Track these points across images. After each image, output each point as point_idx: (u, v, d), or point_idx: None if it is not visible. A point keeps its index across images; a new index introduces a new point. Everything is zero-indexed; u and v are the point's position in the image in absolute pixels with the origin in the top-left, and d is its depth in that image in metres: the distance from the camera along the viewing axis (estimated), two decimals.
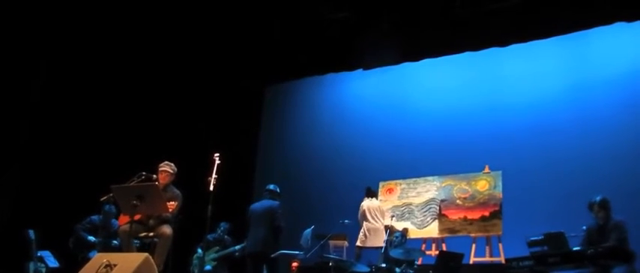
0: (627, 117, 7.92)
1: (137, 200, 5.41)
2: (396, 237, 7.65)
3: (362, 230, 7.86)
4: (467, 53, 8.96)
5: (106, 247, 7.04)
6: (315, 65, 10.09)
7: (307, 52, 9.83)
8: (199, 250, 8.07)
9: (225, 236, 8.66)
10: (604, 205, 5.60)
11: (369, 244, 7.78)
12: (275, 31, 9.67)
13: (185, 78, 10.22)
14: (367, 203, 7.98)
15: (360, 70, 9.88)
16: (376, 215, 7.92)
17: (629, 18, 7.74)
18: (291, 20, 9.42)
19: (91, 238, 7.40)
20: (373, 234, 7.77)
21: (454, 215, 8.21)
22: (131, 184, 5.75)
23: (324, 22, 9.29)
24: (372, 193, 8.16)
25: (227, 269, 8.58)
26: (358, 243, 7.87)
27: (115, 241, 7.16)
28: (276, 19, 9.42)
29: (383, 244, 7.38)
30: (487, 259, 7.66)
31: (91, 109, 9.46)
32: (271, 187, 7.17)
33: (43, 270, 7.64)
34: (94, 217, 7.54)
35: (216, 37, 9.77)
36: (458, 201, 8.28)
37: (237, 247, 8.40)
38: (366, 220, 7.86)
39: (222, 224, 8.62)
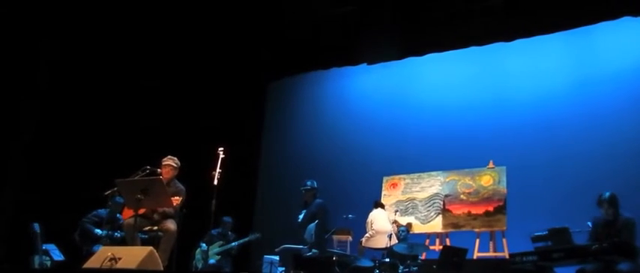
0: (633, 112, 7.89)
1: (141, 194, 5.43)
2: (402, 231, 7.66)
3: (367, 234, 7.92)
4: (471, 48, 8.90)
5: (112, 240, 7.08)
6: (319, 60, 10.06)
7: (311, 46, 9.81)
8: (203, 245, 8.09)
9: (229, 232, 8.66)
10: (611, 201, 5.57)
11: (370, 244, 7.81)
12: (279, 26, 9.64)
13: (189, 72, 10.22)
14: (373, 213, 8.03)
15: (363, 65, 9.84)
16: (379, 221, 7.97)
17: (635, 12, 7.65)
18: (295, 15, 9.39)
19: (98, 231, 7.43)
20: (377, 236, 7.81)
21: (458, 210, 8.21)
22: (135, 178, 5.77)
23: (328, 17, 9.26)
24: (379, 204, 8.23)
25: (230, 262, 8.60)
26: (363, 240, 7.90)
27: (117, 233, 7.18)
28: (281, 13, 9.39)
29: (384, 246, 7.38)
30: (491, 254, 7.67)
31: (97, 103, 9.48)
32: None
33: (48, 263, 7.65)
34: (101, 211, 7.58)
35: (220, 31, 9.75)
36: (462, 196, 8.28)
37: (234, 245, 8.40)
38: (371, 226, 7.92)
39: (225, 219, 8.62)
